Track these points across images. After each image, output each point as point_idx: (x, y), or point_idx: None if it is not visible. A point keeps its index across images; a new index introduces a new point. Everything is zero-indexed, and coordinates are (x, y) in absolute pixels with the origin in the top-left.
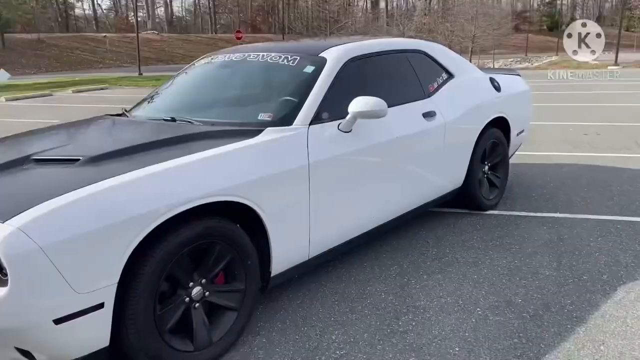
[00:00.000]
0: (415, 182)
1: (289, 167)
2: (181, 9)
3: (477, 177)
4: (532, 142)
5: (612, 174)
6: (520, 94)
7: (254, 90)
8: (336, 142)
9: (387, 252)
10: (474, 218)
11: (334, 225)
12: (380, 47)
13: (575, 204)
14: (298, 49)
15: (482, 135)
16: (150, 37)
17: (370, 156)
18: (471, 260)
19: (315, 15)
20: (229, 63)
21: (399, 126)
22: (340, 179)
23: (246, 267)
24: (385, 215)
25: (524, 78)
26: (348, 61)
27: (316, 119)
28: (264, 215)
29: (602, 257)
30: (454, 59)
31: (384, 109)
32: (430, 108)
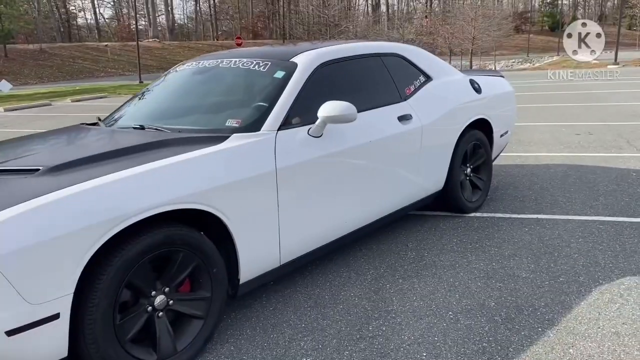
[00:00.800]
0: (391, 186)
1: (255, 173)
2: (183, 17)
3: (459, 179)
4: (522, 143)
5: (600, 173)
6: (503, 95)
7: (224, 97)
8: (306, 147)
9: (365, 256)
10: (456, 221)
11: (306, 231)
12: (354, 51)
13: (560, 205)
14: (270, 54)
15: (462, 138)
16: (152, 44)
17: (342, 160)
18: (448, 264)
19: (316, 20)
20: (201, 70)
21: (372, 130)
22: (312, 184)
23: (212, 274)
24: (360, 220)
25: (525, 78)
26: (319, 66)
27: (285, 124)
28: (230, 223)
29: (581, 259)
30: (432, 62)
31: (353, 113)
32: (406, 111)
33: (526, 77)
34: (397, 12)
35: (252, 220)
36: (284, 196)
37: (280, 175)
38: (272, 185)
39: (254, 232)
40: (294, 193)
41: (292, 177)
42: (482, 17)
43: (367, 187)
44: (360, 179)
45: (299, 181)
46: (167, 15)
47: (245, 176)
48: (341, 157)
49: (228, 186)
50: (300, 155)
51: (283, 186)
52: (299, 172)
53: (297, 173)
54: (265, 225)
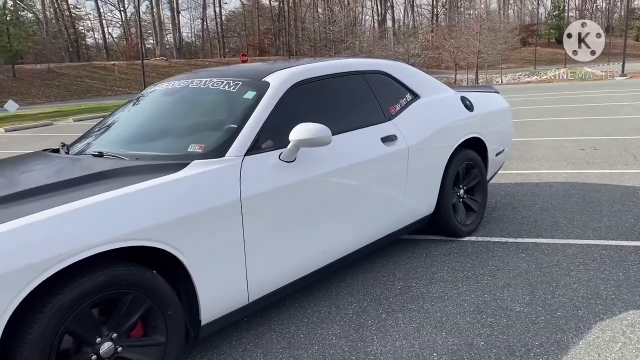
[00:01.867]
0: (375, 211)
1: (215, 204)
2: (191, 35)
3: (451, 201)
4: (524, 159)
5: (604, 192)
6: (498, 112)
7: (190, 120)
8: (277, 173)
9: (349, 287)
10: (449, 246)
11: (278, 265)
12: (333, 69)
13: (561, 228)
14: (242, 73)
15: (453, 158)
16: (159, 63)
17: (319, 186)
18: (437, 295)
19: (323, 35)
20: (171, 91)
21: (352, 152)
22: (284, 213)
23: (167, 317)
24: (341, 249)
25: (530, 92)
26: (294, 85)
27: (254, 148)
28: (186, 260)
29: (581, 289)
30: (421, 79)
31: (327, 136)
32: (390, 132)
33: (531, 90)
34: (403, 27)
35: (212, 255)
36: (251, 228)
37: (246, 205)
38: (236, 216)
39: (215, 268)
40: (262, 224)
41: (260, 207)
42: (487, 30)
43: (348, 214)
44: (339, 205)
45: (269, 211)
46: (174, 34)
47: (204, 208)
48: (317, 183)
49: (183, 220)
50: (271, 182)
51: (250, 217)
52: (269, 200)
53: (266, 202)
54: (229, 261)
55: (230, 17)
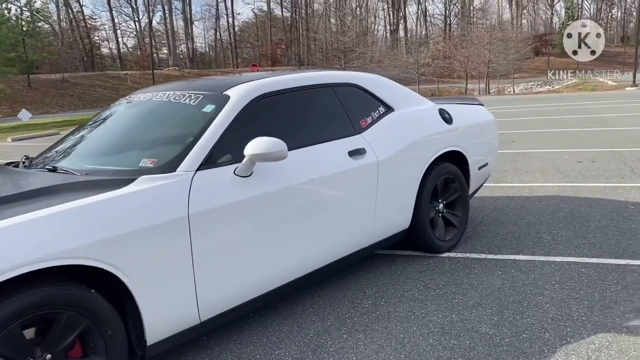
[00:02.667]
0: (341, 228)
1: (159, 221)
2: (204, 45)
3: (428, 217)
4: (519, 172)
5: (595, 206)
6: (480, 124)
7: (148, 134)
8: (232, 188)
9: (316, 305)
10: (426, 262)
11: (232, 284)
12: (299, 82)
13: (543, 244)
14: (205, 86)
15: (430, 172)
16: (171, 73)
17: (277, 202)
18: (404, 315)
19: (334, 46)
20: (135, 104)
21: (316, 167)
22: (239, 230)
23: (106, 337)
24: (302, 267)
25: (536, 102)
26: (256, 99)
27: (208, 163)
28: (128, 279)
29: (552, 310)
30: (396, 91)
31: (282, 151)
32: (359, 145)
33: (539, 101)
34: (415, 36)
35: (157, 274)
36: (201, 245)
37: (194, 221)
38: (182, 233)
39: (160, 288)
40: (214, 241)
41: (211, 223)
42: (497, 40)
43: (311, 230)
44: (301, 221)
45: (222, 227)
46: (188, 44)
47: (146, 225)
48: (276, 198)
49: (123, 238)
50: (224, 198)
51: (199, 234)
52: (222, 217)
53: (218, 218)
54: (176, 280)
55: (244, 27)
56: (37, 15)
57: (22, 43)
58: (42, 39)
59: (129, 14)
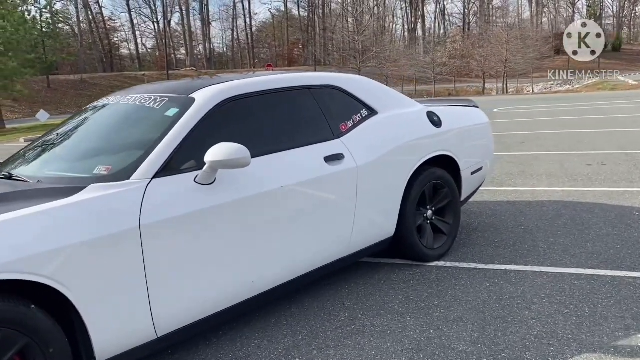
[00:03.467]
0: (314, 237)
1: (107, 232)
2: (222, 45)
3: (414, 224)
4: (524, 175)
5: (598, 213)
6: (473, 127)
7: (109, 139)
8: (192, 196)
9: (292, 317)
10: (412, 271)
11: (192, 297)
12: (273, 85)
13: (538, 253)
14: (174, 89)
15: (417, 177)
16: (189, 73)
17: (243, 211)
18: (380, 330)
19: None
20: (103, 108)
21: (287, 174)
22: (199, 241)
23: (48, 355)
24: (273, 279)
25: (552, 102)
26: (223, 102)
27: (166, 170)
28: (72, 294)
29: (537, 326)
30: (380, 93)
31: (243, 157)
32: (337, 150)
33: (556, 101)
34: (433, 36)
35: (105, 288)
36: (155, 257)
37: (146, 233)
38: (133, 245)
39: (109, 302)
40: (171, 253)
41: (168, 235)
42: (515, 39)
43: (282, 241)
44: (270, 231)
45: (180, 238)
46: (205, 45)
47: (92, 237)
48: (241, 207)
49: (66, 250)
50: (183, 207)
51: (153, 246)
52: (180, 227)
53: (176, 228)
54: (127, 294)
55: (261, 27)
56: (58, 17)
57: (42, 44)
58: (62, 41)
59: (148, 15)
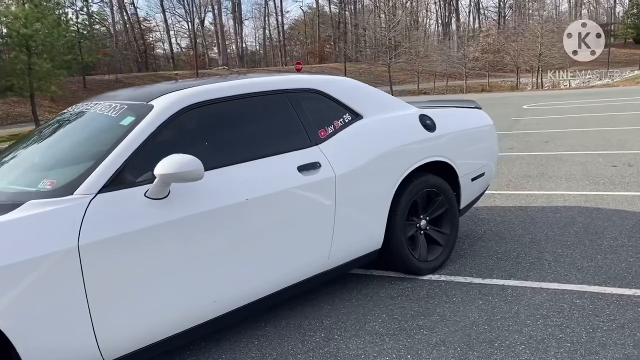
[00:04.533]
0: (285, 254)
1: (40, 253)
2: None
3: (404, 235)
4: (543, 177)
5: (616, 220)
6: (474, 131)
7: (60, 150)
8: (141, 212)
9: (263, 337)
10: (403, 285)
11: (143, 319)
12: (242, 90)
13: (542, 266)
14: (136, 95)
15: (407, 185)
16: (220, 72)
17: (199, 227)
18: (354, 353)
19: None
20: (66, 117)
21: (253, 185)
22: (150, 260)
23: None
24: (239, 298)
25: (586, 97)
26: (184, 109)
27: (114, 184)
28: (3, 323)
29: (525, 353)
30: (367, 96)
31: (196, 170)
32: (313, 159)
33: (589, 96)
34: (467, 30)
35: (40, 315)
36: (98, 279)
37: (86, 253)
38: (72, 267)
39: (45, 329)
40: (117, 274)
41: (111, 254)
42: (550, 32)
43: (247, 258)
44: (233, 247)
45: (126, 258)
46: (237, 43)
47: (23, 258)
48: (198, 223)
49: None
50: (130, 224)
51: (94, 266)
52: (125, 246)
53: (121, 248)
54: (66, 319)
55: (293, 25)
56: (94, 18)
57: (78, 46)
58: (98, 42)
59: (182, 15)
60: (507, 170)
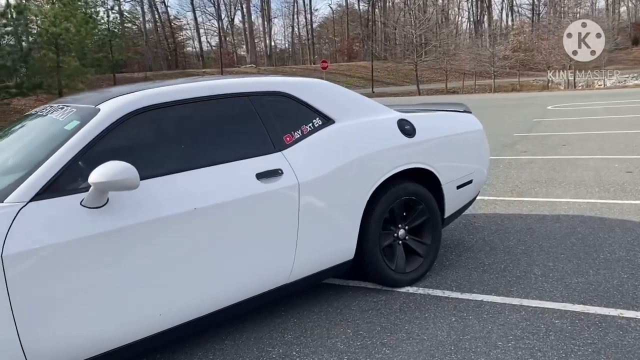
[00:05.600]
0: (238, 266)
1: None
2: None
3: (379, 245)
4: (551, 183)
5: (618, 231)
6: (460, 136)
7: (8, 156)
8: (73, 222)
9: (220, 351)
10: (376, 299)
11: (77, 335)
12: (199, 92)
13: (528, 281)
14: (88, 99)
15: (382, 193)
16: (248, 70)
17: (140, 238)
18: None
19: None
20: (22, 120)
21: (203, 194)
22: (84, 272)
23: None
24: (188, 312)
25: (614, 98)
26: (132, 113)
27: (49, 191)
28: None
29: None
30: (340, 100)
31: (130, 178)
32: (275, 165)
33: (620, 96)
34: (499, 28)
35: None
36: (23, 291)
37: (11, 264)
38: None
39: None
40: (44, 286)
41: (41, 265)
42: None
43: (194, 270)
44: (178, 259)
45: (58, 269)
46: (265, 41)
47: None
48: (139, 233)
49: None
50: (60, 234)
51: (20, 278)
52: (56, 257)
53: (49, 259)
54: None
55: (322, 23)
56: (126, 17)
57: (108, 44)
58: (128, 40)
59: (212, 13)
60: (515, 175)
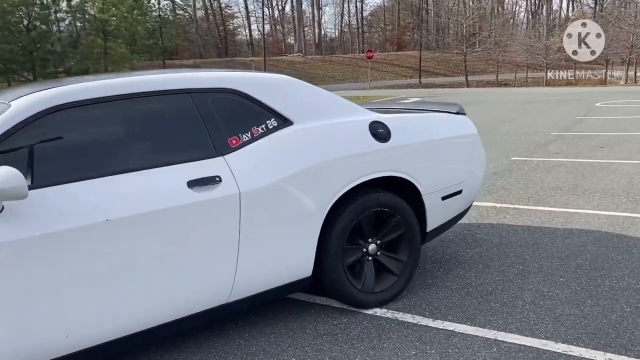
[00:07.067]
0: (162, 286)
1: None
2: (334, 30)
3: (341, 261)
4: (575, 191)
5: (635, 254)
6: (447, 141)
7: None
8: None
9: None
10: (338, 321)
11: None
12: (131, 88)
13: (513, 309)
14: (11, 94)
15: (346, 204)
16: (295, 59)
17: (37, 252)
18: None
19: (460, 29)
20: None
21: (119, 203)
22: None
23: None
24: (91, 336)
25: None
26: (44, 111)
27: None
28: None
29: None
30: (304, 99)
31: (15, 187)
32: (212, 172)
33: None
34: (558, 19)
35: None
36: None
37: None
38: None
39: None
40: None
41: None
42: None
43: (108, 286)
44: (86, 276)
45: None
46: (314, 30)
47: None
48: (35, 247)
49: None
50: None
51: None
52: None
53: None
54: None
55: (372, 11)
56: (178, 4)
57: (159, 31)
58: (178, 27)
59: (263, 1)
60: (538, 179)
